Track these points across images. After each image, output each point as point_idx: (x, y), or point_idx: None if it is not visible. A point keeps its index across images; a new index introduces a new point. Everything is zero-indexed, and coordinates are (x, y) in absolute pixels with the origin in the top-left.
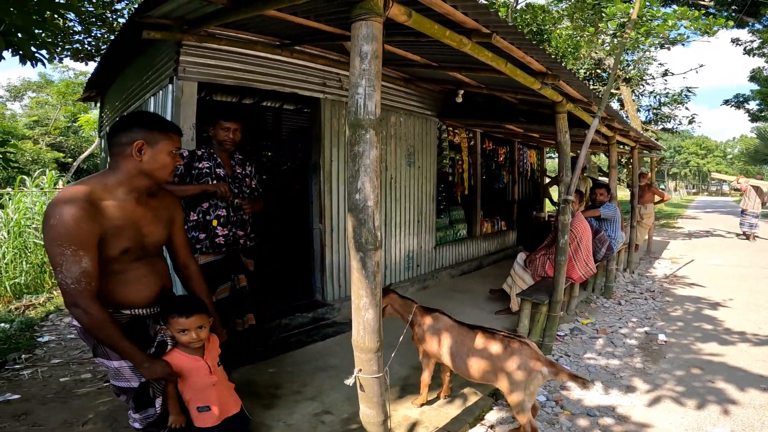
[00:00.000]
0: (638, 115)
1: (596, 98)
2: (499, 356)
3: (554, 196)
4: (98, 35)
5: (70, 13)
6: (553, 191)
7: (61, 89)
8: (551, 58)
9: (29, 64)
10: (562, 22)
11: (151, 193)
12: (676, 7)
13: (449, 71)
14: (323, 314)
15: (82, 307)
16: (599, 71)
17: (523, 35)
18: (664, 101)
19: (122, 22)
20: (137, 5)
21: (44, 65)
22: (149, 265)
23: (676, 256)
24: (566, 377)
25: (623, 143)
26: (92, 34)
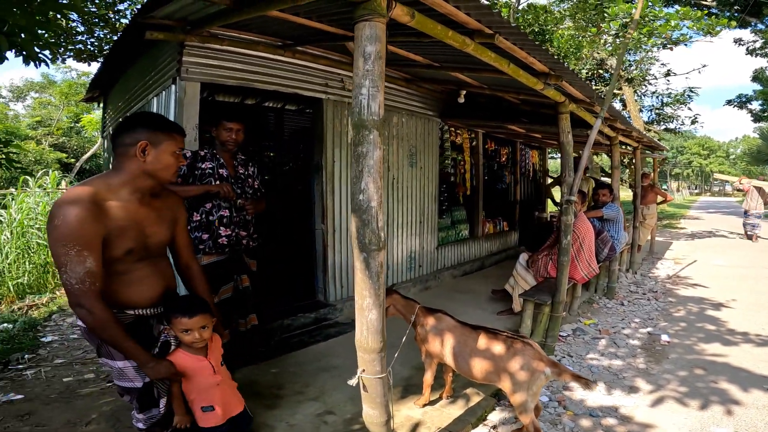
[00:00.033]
0: (641, 115)
1: (599, 99)
2: (502, 357)
3: (556, 196)
4: (101, 36)
5: (73, 13)
6: (555, 192)
7: (63, 90)
8: (554, 58)
9: (33, 64)
10: (563, 22)
11: (154, 193)
12: (678, 7)
13: (451, 72)
14: (325, 315)
15: (86, 307)
16: (601, 71)
17: (526, 36)
18: (666, 101)
19: (125, 22)
20: (140, 6)
21: (47, 66)
22: (153, 265)
23: (678, 256)
24: (569, 378)
25: (626, 144)
26: (95, 34)
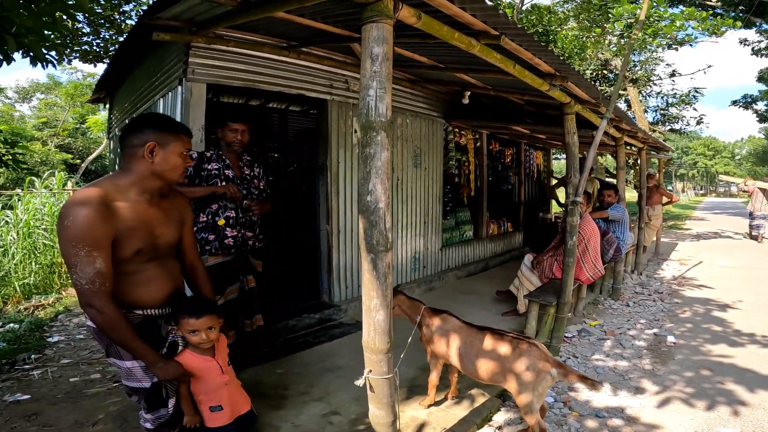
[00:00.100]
0: (645, 115)
1: (604, 99)
2: (508, 357)
3: (561, 197)
4: (106, 37)
5: (79, 13)
6: (559, 192)
7: (69, 91)
8: (559, 59)
9: (40, 65)
10: (567, 22)
11: (162, 194)
12: (683, 7)
13: (456, 73)
14: (330, 315)
15: (96, 307)
16: (606, 72)
17: (531, 37)
18: (671, 102)
19: (130, 23)
20: (146, 7)
21: (54, 67)
22: (161, 265)
23: (684, 257)
24: (575, 378)
25: (631, 144)
26: (101, 35)
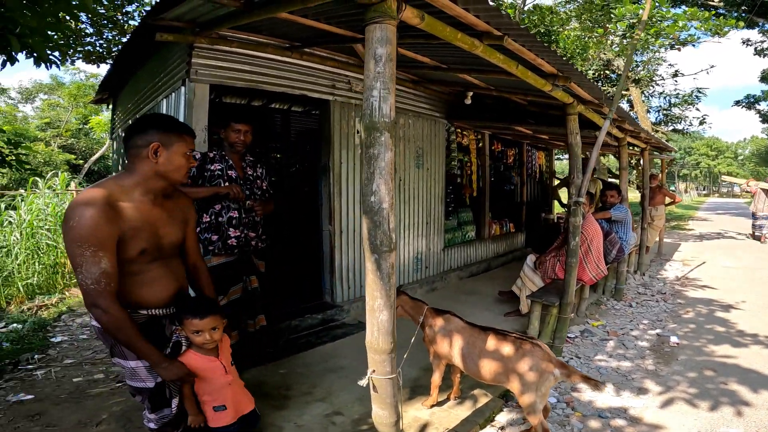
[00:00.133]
0: (648, 116)
1: (607, 100)
2: (510, 358)
3: (563, 197)
4: (110, 37)
5: (83, 14)
6: (562, 193)
7: (72, 91)
8: (562, 60)
9: (43, 66)
10: (570, 23)
11: (166, 194)
12: (685, 8)
13: (459, 73)
14: (333, 316)
15: (101, 307)
16: (608, 72)
17: (534, 37)
18: (674, 102)
19: (133, 24)
20: (150, 8)
21: (58, 67)
22: (166, 266)
23: (687, 258)
24: (578, 379)
25: (634, 145)
26: (104, 36)
